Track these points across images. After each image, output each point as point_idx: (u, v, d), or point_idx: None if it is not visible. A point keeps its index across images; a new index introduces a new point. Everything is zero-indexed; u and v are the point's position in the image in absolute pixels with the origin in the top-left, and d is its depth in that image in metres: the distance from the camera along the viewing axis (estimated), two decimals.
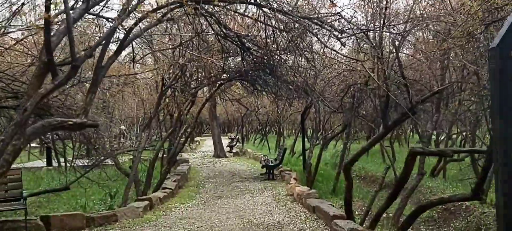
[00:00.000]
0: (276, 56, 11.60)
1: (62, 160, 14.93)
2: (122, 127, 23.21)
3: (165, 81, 10.53)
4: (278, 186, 12.87)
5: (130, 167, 12.14)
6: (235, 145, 28.21)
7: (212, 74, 12.70)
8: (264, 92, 15.40)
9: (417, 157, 7.34)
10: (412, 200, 13.50)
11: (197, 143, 35.81)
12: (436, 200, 7.83)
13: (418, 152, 6.97)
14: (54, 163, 17.09)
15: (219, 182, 14.31)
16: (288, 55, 11.86)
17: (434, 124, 9.19)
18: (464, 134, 19.47)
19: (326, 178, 13.73)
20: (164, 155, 13.73)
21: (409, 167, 7.15)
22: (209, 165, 20.47)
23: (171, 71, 11.01)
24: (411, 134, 30.16)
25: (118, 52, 5.39)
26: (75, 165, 12.02)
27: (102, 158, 11.04)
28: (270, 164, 14.70)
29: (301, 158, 19.54)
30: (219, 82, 13.05)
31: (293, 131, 44.57)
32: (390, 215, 10.58)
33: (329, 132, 15.83)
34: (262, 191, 12.23)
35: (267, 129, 30.94)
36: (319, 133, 14.41)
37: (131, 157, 16.89)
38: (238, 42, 8.23)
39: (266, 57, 12.02)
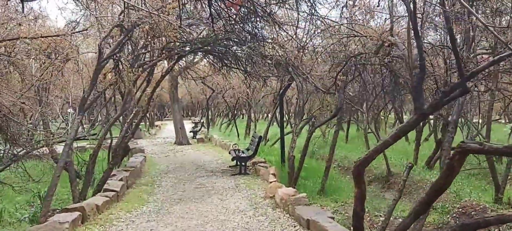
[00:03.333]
0: (252, 21, 9.10)
1: None
2: (70, 111, 20.06)
3: (102, 50, 7.72)
4: (253, 184, 10.40)
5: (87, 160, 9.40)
6: (200, 130, 25.52)
7: (170, 44, 10.01)
8: (234, 69, 12.83)
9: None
10: (411, 198, 11.40)
11: (157, 128, 32.83)
12: (493, 218, 5.56)
13: (475, 150, 4.62)
14: None
15: (179, 178, 11.69)
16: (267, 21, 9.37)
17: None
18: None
19: (310, 172, 11.35)
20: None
21: (454, 169, 4.85)
22: (169, 154, 17.74)
23: (113, 37, 8.26)
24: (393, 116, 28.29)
25: None
26: None
27: (21, 150, 8.22)
28: (242, 155, 12.20)
29: (276, 146, 17.20)
30: (177, 55, 10.31)
31: (265, 115, 42.23)
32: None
33: (312, 117, 13.50)
34: (233, 190, 9.73)
35: (235, 113, 28.34)
36: (302, 118, 11.95)
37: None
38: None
39: (238, 23, 9.50)
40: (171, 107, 23.17)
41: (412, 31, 5.31)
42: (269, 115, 26.37)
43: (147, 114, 33.03)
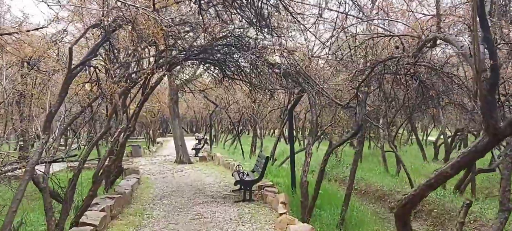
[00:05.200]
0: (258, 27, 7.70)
1: None
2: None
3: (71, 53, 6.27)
4: (259, 214, 8.87)
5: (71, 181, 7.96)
6: (202, 147, 24.00)
7: (162, 51, 8.61)
8: (237, 81, 11.39)
9: None
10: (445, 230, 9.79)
11: (159, 144, 31.35)
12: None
13: None
14: None
15: (175, 205, 10.18)
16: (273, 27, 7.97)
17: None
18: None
19: (325, 198, 9.76)
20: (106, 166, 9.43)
21: None
22: (167, 174, 16.22)
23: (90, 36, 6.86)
24: (406, 133, 26.61)
25: None
26: None
27: None
28: (247, 178, 10.68)
29: (285, 166, 15.66)
30: (169, 64, 8.86)
31: (272, 131, 40.58)
32: None
33: (323, 134, 12.05)
34: (236, 224, 8.19)
35: (240, 129, 26.83)
36: (316, 135, 10.42)
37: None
38: None
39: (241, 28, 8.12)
40: (171, 123, 21.75)
41: (478, 20, 3.83)
42: (276, 131, 24.88)
43: (150, 131, 31.73)
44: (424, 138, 26.83)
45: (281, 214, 7.83)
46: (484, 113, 3.79)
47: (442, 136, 26.25)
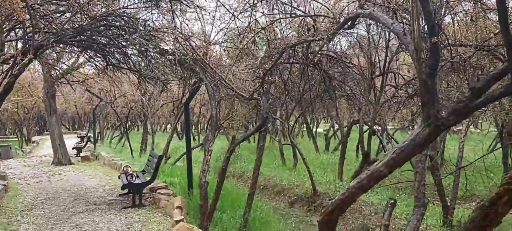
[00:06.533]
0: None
1: None
2: None
3: None
4: (151, 221, 7.72)
5: None
6: (85, 146, 21.69)
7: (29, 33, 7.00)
8: (123, 71, 10.01)
9: None
10: (345, 221, 9.59)
11: (34, 144, 27.86)
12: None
13: None
14: None
15: (49, 215, 8.55)
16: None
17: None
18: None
19: (225, 198, 8.92)
20: None
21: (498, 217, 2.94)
22: (42, 178, 14.04)
23: None
24: (297, 125, 26.96)
25: None
26: None
27: None
28: (136, 180, 9.41)
29: (180, 164, 14.56)
30: (37, 48, 7.24)
31: (164, 127, 38.71)
32: None
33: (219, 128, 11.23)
34: None
35: (128, 125, 24.88)
36: (217, 131, 9.53)
37: None
38: None
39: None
40: (48, 120, 19.18)
41: None
42: (169, 126, 23.53)
43: (23, 129, 28.05)
44: (314, 129, 27.61)
45: (177, 221, 6.82)
46: (423, 101, 3.22)
47: (333, 128, 27.37)
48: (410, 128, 27.62)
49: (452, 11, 5.53)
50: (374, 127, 11.87)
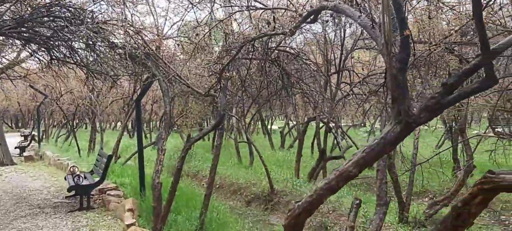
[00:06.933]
0: None
1: None
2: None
3: None
4: (100, 225, 7.23)
5: None
6: (29, 145, 20.48)
7: None
8: (70, 65, 9.37)
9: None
10: None
11: None
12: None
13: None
14: None
15: None
16: None
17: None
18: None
19: (180, 199, 8.53)
20: None
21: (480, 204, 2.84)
22: None
23: None
24: (252, 122, 26.76)
25: None
26: None
27: None
28: (84, 181, 8.84)
29: (131, 163, 13.97)
30: None
31: (113, 124, 37.31)
32: None
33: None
34: None
35: (75, 123, 23.71)
36: (171, 129, 9.12)
37: None
38: None
39: None
40: None
41: None
42: (119, 124, 22.66)
43: None
44: (269, 126, 27.59)
45: (128, 226, 6.40)
46: (394, 97, 3.07)
47: (288, 125, 27.42)
48: (362, 125, 28.25)
49: (411, 8, 5.47)
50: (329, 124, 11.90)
